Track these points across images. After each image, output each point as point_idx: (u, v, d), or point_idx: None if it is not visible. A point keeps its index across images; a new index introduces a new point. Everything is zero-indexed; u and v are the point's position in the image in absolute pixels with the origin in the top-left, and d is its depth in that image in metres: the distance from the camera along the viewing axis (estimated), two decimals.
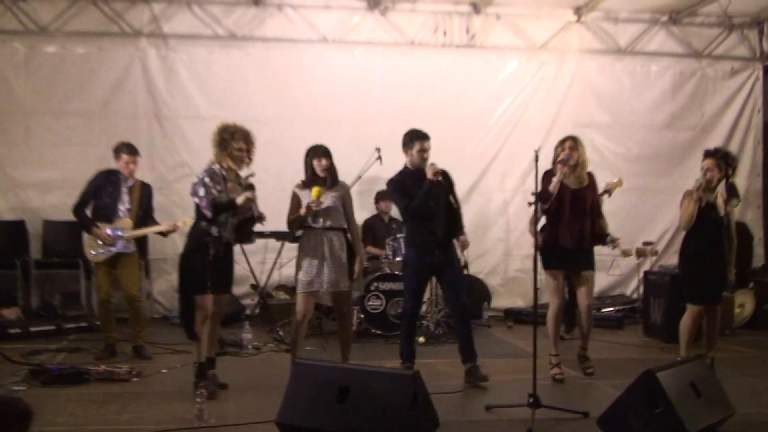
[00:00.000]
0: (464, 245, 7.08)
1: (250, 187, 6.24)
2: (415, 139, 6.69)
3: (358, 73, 10.24)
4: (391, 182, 6.82)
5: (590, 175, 6.91)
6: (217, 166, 6.19)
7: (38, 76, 9.76)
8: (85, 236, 7.51)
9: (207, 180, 6.10)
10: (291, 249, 8.42)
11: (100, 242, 7.40)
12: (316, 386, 4.87)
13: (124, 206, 7.49)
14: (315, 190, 6.41)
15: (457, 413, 5.80)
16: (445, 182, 6.67)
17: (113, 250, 7.41)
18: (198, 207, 6.15)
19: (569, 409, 5.61)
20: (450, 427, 5.18)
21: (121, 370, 6.67)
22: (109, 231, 7.38)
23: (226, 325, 8.00)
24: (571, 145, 6.77)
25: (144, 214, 7.56)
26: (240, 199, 6.11)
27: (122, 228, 7.42)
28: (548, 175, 6.73)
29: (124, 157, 7.51)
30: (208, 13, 9.96)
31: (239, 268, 9.25)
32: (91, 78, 9.80)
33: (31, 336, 8.47)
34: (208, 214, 6.06)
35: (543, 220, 6.82)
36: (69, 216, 9.29)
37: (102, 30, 9.79)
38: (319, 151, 6.61)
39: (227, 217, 6.17)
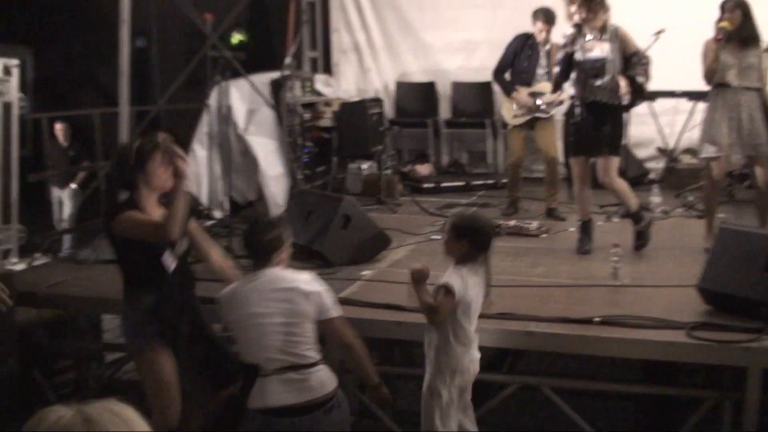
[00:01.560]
0: None
1: None
2: None
3: None
4: None
5: None
6: None
7: None
8: (504, 99, 7.65)
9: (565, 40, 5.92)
10: (702, 111, 7.86)
11: (517, 106, 7.50)
12: (742, 254, 4.55)
13: (542, 70, 7.47)
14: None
15: None
16: None
17: (534, 113, 7.46)
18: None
19: None
20: None
21: (530, 226, 6.83)
22: (528, 95, 7.44)
23: (631, 187, 7.83)
24: None
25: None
26: None
27: (540, 92, 7.43)
28: None
29: (539, 24, 7.42)
30: None
31: (646, 130, 9.01)
32: None
33: (442, 191, 8.99)
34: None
35: None
36: (476, 77, 9.68)
37: None
38: None
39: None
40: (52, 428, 1.27)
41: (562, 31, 6.21)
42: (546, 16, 7.42)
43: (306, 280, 3.68)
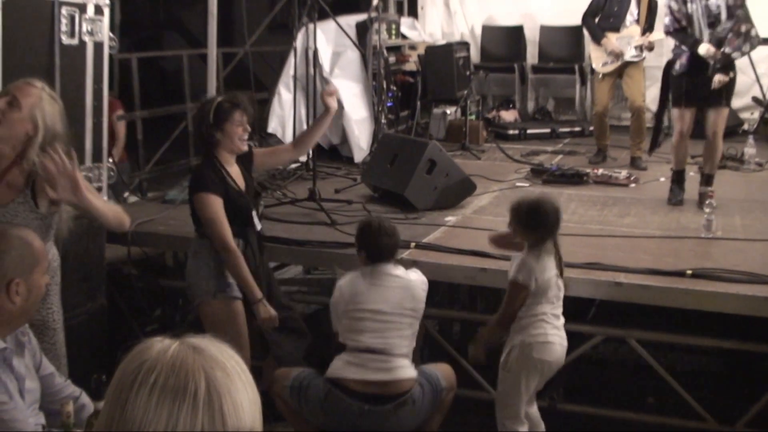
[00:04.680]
0: None
1: None
2: None
3: None
4: None
5: None
6: None
7: None
8: (593, 46, 7.43)
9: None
10: None
11: (607, 52, 7.26)
12: None
13: (632, 15, 7.22)
14: None
15: None
16: None
17: (624, 59, 7.22)
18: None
19: None
20: None
21: (619, 175, 6.66)
22: (617, 40, 7.20)
23: (724, 138, 7.56)
24: None
25: (650, 25, 7.20)
26: None
27: (630, 36, 7.18)
28: None
29: None
30: None
31: (741, 79, 8.60)
32: None
33: (527, 138, 8.85)
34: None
35: None
36: (565, 21, 9.42)
37: None
38: None
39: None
40: (162, 357, 1.27)
41: None
42: None
43: (419, 279, 3.88)
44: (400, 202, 5.70)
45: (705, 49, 5.54)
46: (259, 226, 4.25)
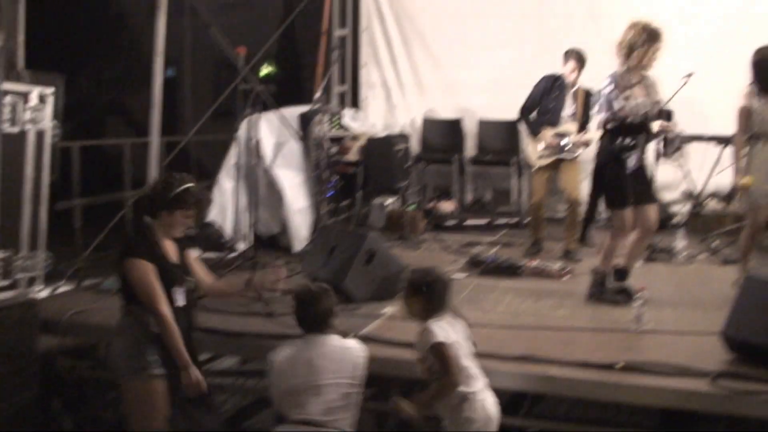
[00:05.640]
0: None
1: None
2: None
3: None
4: None
5: None
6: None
7: None
8: (530, 140, 7.66)
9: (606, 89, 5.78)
10: (728, 154, 7.83)
11: (543, 147, 7.50)
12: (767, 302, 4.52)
13: (568, 111, 7.49)
14: (748, 180, 5.84)
15: None
16: None
17: (560, 154, 7.45)
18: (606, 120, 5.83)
19: None
20: None
21: (553, 267, 6.81)
22: (553, 135, 7.45)
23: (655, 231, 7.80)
24: None
25: (585, 121, 7.49)
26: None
27: (566, 132, 7.44)
28: None
29: (571, 64, 7.46)
30: None
31: (672, 173, 8.97)
32: None
33: (465, 229, 8.98)
34: (602, 116, 5.80)
35: None
36: (502, 115, 9.71)
37: None
38: None
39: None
40: None
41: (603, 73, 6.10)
42: (579, 57, 7.47)
43: (357, 347, 3.93)
44: (338, 292, 5.71)
45: (657, 124, 5.78)
46: (182, 303, 4.16)
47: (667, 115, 6.05)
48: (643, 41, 5.70)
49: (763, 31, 8.32)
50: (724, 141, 8.17)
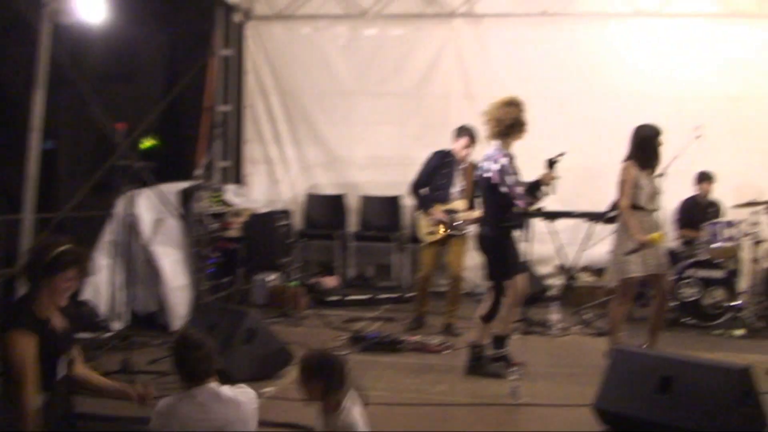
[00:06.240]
0: None
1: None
2: None
3: (675, 47, 9.66)
4: None
5: None
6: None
7: (358, 58, 10.29)
8: (421, 215, 7.77)
9: (508, 166, 5.99)
10: (599, 230, 8.20)
11: (433, 222, 7.63)
12: (636, 374, 4.71)
13: (458, 187, 7.67)
14: (657, 235, 6.19)
15: None
16: None
17: (449, 230, 7.57)
18: (496, 190, 6.03)
19: None
20: None
21: (433, 342, 6.90)
22: (443, 212, 7.60)
23: (531, 304, 8.04)
24: None
25: (474, 197, 7.66)
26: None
27: (456, 209, 7.61)
28: None
29: (464, 140, 7.61)
30: None
31: (546, 247, 9.28)
32: (406, 59, 10.15)
33: (347, 304, 9.01)
34: (522, 203, 6.02)
35: None
36: (384, 192, 9.92)
37: (418, 12, 10.09)
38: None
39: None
40: None
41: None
42: (471, 135, 7.61)
43: (247, 395, 3.76)
44: (217, 372, 5.62)
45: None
46: (61, 373, 3.97)
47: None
48: (515, 118, 5.99)
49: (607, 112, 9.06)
50: (593, 217, 8.54)
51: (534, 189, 6.02)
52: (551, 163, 6.11)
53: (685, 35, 9.64)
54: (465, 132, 7.65)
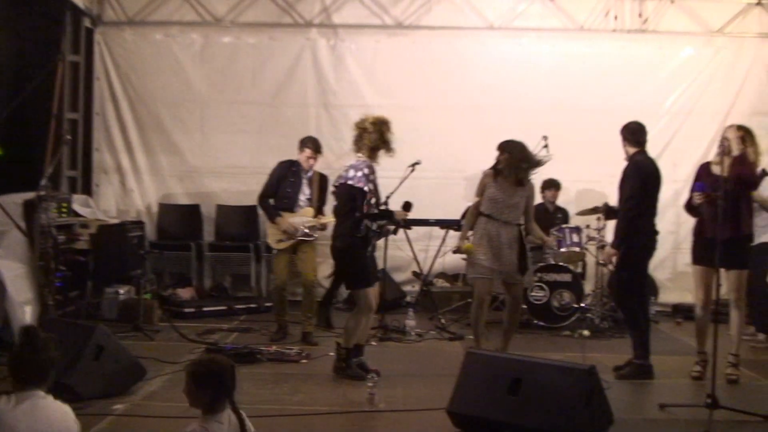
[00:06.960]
0: None
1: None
2: None
3: (525, 61, 10.03)
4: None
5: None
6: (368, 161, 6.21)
7: (213, 66, 10.13)
8: (269, 224, 7.75)
9: (370, 174, 6.16)
10: (453, 237, 8.41)
11: (281, 231, 7.61)
12: (488, 377, 4.85)
13: (305, 196, 7.70)
14: (468, 245, 6.57)
15: (630, 411, 5.60)
16: None
17: (297, 237, 7.59)
18: (354, 200, 6.14)
19: (749, 411, 5.31)
20: (624, 424, 5.03)
21: (291, 352, 6.87)
22: (291, 220, 7.59)
23: (388, 311, 8.15)
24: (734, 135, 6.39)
25: (321, 204, 7.76)
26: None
27: (304, 216, 7.62)
28: (704, 168, 6.51)
29: (308, 152, 7.70)
30: (376, 2, 10.04)
31: (402, 255, 9.44)
32: (262, 68, 10.08)
33: (204, 315, 8.85)
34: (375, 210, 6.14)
35: None
36: (240, 201, 9.81)
37: (274, 21, 10.06)
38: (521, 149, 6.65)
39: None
40: None
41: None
42: (315, 145, 7.74)
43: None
44: (63, 389, 5.37)
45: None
46: None
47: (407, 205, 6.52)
48: (379, 131, 6.18)
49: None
50: (447, 224, 8.76)
51: (383, 217, 6.25)
52: (407, 206, 6.46)
53: (536, 49, 10.05)
54: (308, 142, 7.78)
